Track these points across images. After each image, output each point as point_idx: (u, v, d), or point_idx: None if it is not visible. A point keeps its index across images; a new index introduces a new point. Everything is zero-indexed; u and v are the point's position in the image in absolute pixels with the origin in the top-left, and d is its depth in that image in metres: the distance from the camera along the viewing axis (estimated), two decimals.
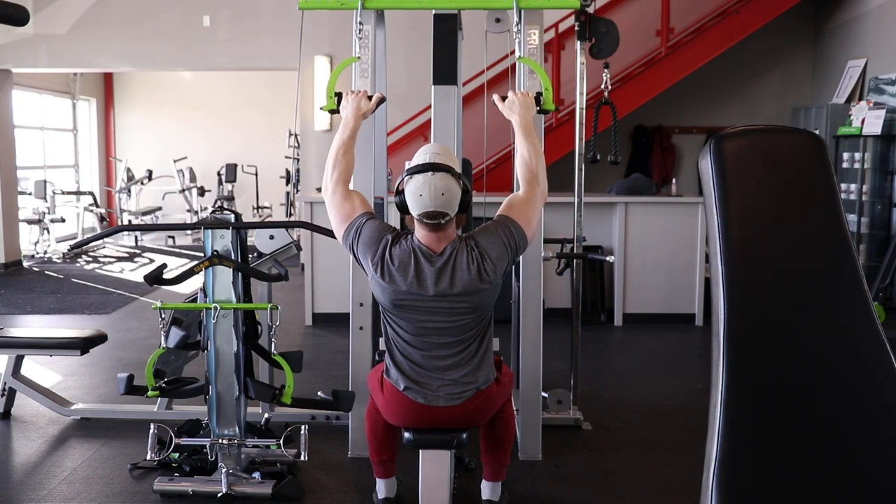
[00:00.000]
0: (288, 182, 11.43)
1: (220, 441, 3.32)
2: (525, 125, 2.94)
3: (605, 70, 4.20)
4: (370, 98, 3.02)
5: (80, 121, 13.06)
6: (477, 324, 2.77)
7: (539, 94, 3.11)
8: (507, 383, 2.95)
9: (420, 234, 2.73)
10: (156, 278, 3.29)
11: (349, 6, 3.02)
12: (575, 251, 4.25)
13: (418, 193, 2.65)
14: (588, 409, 4.29)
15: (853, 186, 7.33)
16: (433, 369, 2.76)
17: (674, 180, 7.19)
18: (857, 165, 7.27)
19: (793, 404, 1.32)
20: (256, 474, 3.35)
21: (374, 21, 3.63)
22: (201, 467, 3.41)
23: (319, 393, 4.10)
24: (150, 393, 3.35)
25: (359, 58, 3.08)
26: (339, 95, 3.07)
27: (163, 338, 3.33)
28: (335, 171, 2.86)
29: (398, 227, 2.91)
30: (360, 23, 3.06)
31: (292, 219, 10.59)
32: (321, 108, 3.24)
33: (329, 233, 3.74)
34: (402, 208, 2.75)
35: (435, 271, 2.68)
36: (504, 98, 3.05)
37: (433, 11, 3.52)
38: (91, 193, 11.39)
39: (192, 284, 4.45)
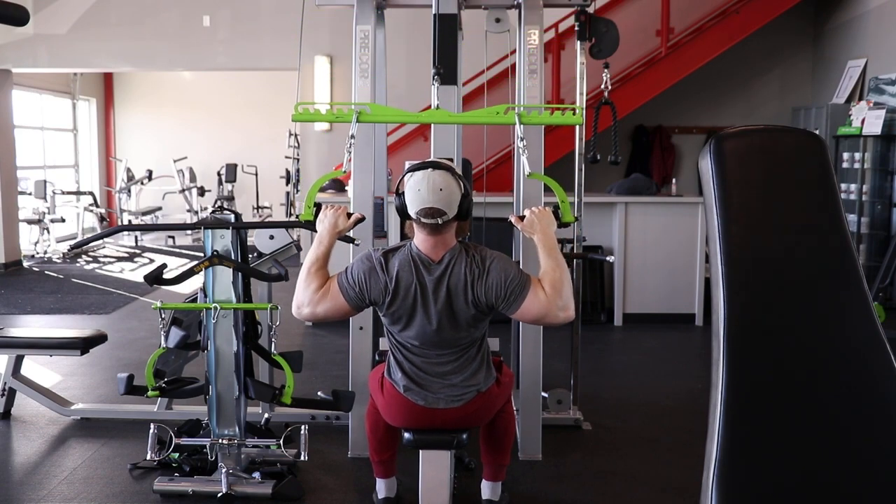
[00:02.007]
0: (288, 182, 11.42)
1: (220, 441, 3.32)
2: (548, 242, 2.79)
3: (605, 70, 4.20)
4: (349, 216, 2.87)
5: (80, 121, 13.06)
6: (475, 333, 2.78)
7: (556, 208, 2.94)
8: (507, 384, 2.95)
9: (418, 239, 2.72)
10: (156, 278, 3.29)
11: (344, 119, 2.98)
12: (575, 251, 4.25)
13: (417, 189, 2.64)
14: (588, 409, 4.29)
15: (853, 186, 7.33)
16: (434, 374, 2.77)
17: (674, 180, 7.19)
18: (857, 165, 7.27)
19: (793, 404, 1.32)
20: (256, 474, 3.35)
21: (374, 21, 3.63)
22: (201, 467, 3.41)
23: (319, 393, 4.10)
24: (150, 393, 3.35)
25: (345, 172, 3.00)
26: (317, 207, 2.91)
27: (163, 338, 3.33)
28: (309, 288, 2.73)
29: (399, 231, 2.88)
30: (353, 136, 2.98)
31: (292, 219, 10.58)
32: (297, 217, 3.09)
33: None
34: (402, 211, 2.74)
35: (434, 281, 2.67)
36: (522, 217, 2.90)
37: (433, 11, 3.52)
38: (91, 193, 11.38)
39: (192, 284, 4.45)
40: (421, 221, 2.66)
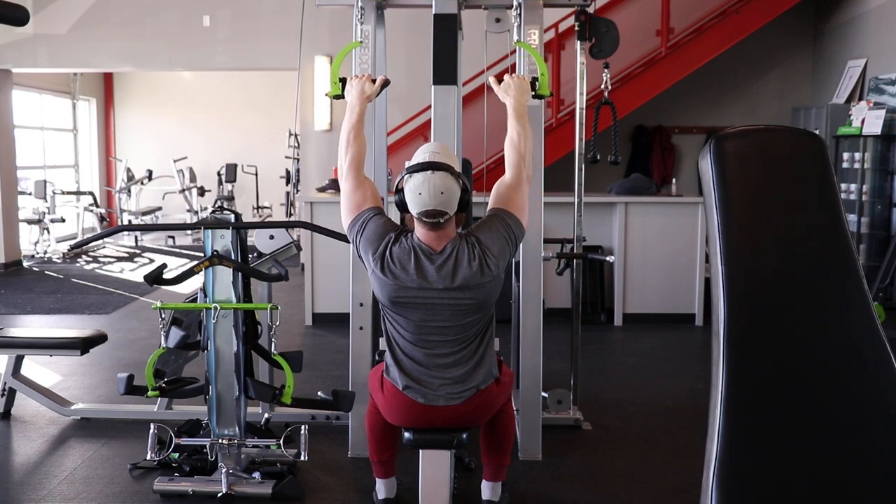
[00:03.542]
0: (288, 182, 11.43)
1: (220, 441, 3.32)
2: (518, 108, 2.94)
3: (605, 70, 4.20)
4: (374, 81, 3.02)
5: (80, 121, 13.06)
6: (479, 322, 2.77)
7: (535, 79, 3.09)
8: (507, 383, 2.94)
9: (419, 232, 2.73)
10: (156, 278, 3.29)
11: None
12: (575, 251, 4.25)
13: (417, 192, 2.64)
14: (588, 409, 4.29)
15: (853, 186, 7.33)
16: (434, 367, 2.75)
17: (674, 180, 7.19)
18: (857, 165, 7.27)
19: (793, 404, 1.32)
20: (256, 474, 3.35)
21: (374, 21, 3.63)
22: (201, 467, 3.41)
23: (319, 393, 4.10)
24: (150, 393, 3.35)
25: (361, 42, 3.09)
26: (343, 81, 3.07)
27: (163, 338, 3.33)
28: (347, 155, 2.88)
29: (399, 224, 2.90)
30: (362, 7, 3.06)
31: (292, 219, 10.59)
32: (325, 95, 3.24)
33: (329, 233, 3.76)
34: (402, 207, 2.76)
35: (436, 268, 2.68)
36: (500, 80, 3.04)
37: (433, 11, 3.52)
38: (91, 193, 11.38)
39: (192, 284, 4.46)
40: (423, 220, 2.68)
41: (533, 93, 3.08)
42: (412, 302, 2.70)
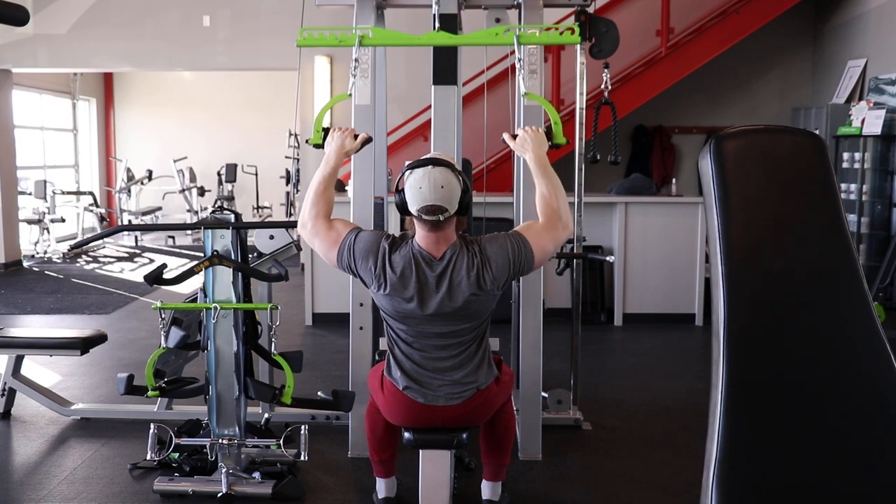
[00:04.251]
0: (288, 182, 11.43)
1: (220, 441, 3.32)
2: (540, 161, 2.85)
3: (605, 70, 4.20)
4: (356, 137, 2.95)
5: (80, 121, 13.06)
6: (476, 328, 2.78)
7: (549, 128, 2.98)
8: (507, 383, 2.95)
9: (420, 235, 2.72)
10: (156, 278, 3.29)
11: (347, 43, 3.01)
12: (575, 251, 4.25)
13: (418, 186, 2.64)
14: (588, 409, 4.29)
15: (853, 186, 7.33)
16: (434, 370, 2.76)
17: (674, 180, 7.19)
18: (857, 165, 7.27)
19: (793, 404, 1.32)
20: (256, 474, 3.35)
21: (374, 21, 3.63)
22: (201, 467, 3.41)
23: (319, 393, 4.10)
24: (150, 393, 3.35)
25: (350, 95, 3.03)
26: (325, 131, 3.00)
27: (163, 338, 3.33)
28: (314, 208, 2.80)
29: (399, 228, 2.90)
30: (356, 59, 3.01)
31: (292, 219, 10.58)
32: (307, 142, 3.18)
33: None
34: (402, 208, 2.75)
35: (435, 277, 2.67)
36: (514, 136, 2.95)
37: (433, 11, 3.52)
38: (91, 193, 11.39)
39: (192, 284, 4.45)
40: (422, 218, 2.66)
41: (550, 143, 2.96)
42: (412, 314, 2.71)
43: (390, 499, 3.09)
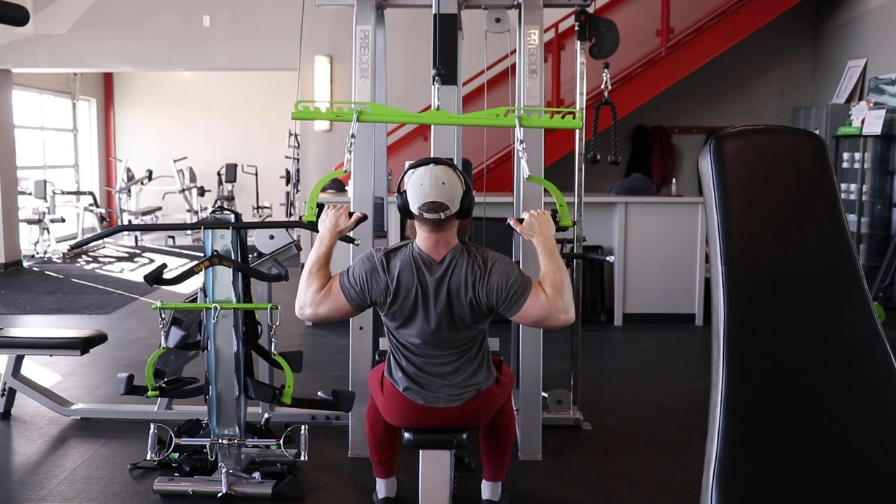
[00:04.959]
0: (288, 182, 11.42)
1: (220, 441, 3.32)
2: (549, 245, 2.82)
3: (605, 70, 4.20)
4: (350, 215, 2.88)
5: (80, 121, 13.06)
6: (475, 336, 2.79)
7: (554, 212, 2.97)
8: (507, 383, 2.95)
9: (420, 238, 2.72)
10: (156, 278, 3.29)
11: (344, 118, 3.00)
12: (575, 251, 4.25)
13: (419, 183, 2.64)
14: (588, 409, 4.29)
15: (853, 186, 7.33)
16: (434, 374, 2.77)
17: (674, 180, 7.19)
18: (857, 165, 7.27)
19: (793, 404, 1.32)
20: (256, 474, 3.35)
21: (374, 21, 3.63)
22: (201, 467, 3.41)
23: (319, 393, 4.10)
24: (150, 393, 3.35)
25: (345, 172, 3.01)
26: (320, 208, 2.94)
27: (163, 338, 3.33)
28: (310, 289, 2.75)
29: (399, 230, 2.89)
30: (353, 135, 2.99)
31: (292, 219, 10.58)
32: (300, 217, 3.11)
33: None
34: (404, 210, 2.74)
35: (435, 281, 2.67)
36: (520, 220, 2.92)
37: (433, 11, 3.52)
38: (91, 193, 11.38)
39: (192, 284, 4.45)
40: (423, 217, 2.66)
41: (556, 225, 2.94)
42: (413, 322, 2.72)
43: (390, 499, 3.09)
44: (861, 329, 1.33)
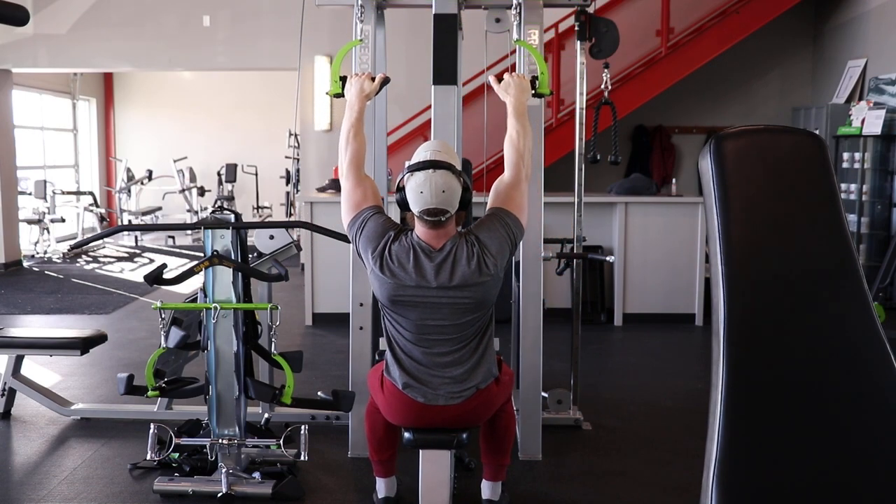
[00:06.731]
0: (288, 182, 11.43)
1: (220, 441, 3.32)
2: (518, 107, 2.94)
3: (605, 70, 4.20)
4: (373, 79, 3.03)
5: (80, 121, 13.06)
6: (478, 321, 2.77)
7: (535, 78, 3.09)
8: (507, 382, 2.94)
9: (419, 230, 2.73)
10: (156, 278, 3.29)
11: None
12: (575, 251, 4.25)
13: (419, 191, 2.65)
14: (588, 409, 4.29)
15: (853, 186, 7.33)
16: (434, 366, 2.75)
17: (674, 180, 7.18)
18: (857, 165, 7.27)
19: (793, 404, 1.32)
20: (256, 474, 3.35)
21: (374, 21, 3.63)
22: (201, 467, 3.41)
23: (319, 393, 4.10)
24: (150, 393, 3.35)
25: (361, 40, 3.09)
26: (343, 79, 3.08)
27: (163, 338, 3.33)
28: (347, 153, 2.88)
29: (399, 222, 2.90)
30: (362, 5, 3.06)
31: (292, 219, 10.59)
32: (326, 93, 3.24)
33: (329, 233, 3.76)
34: (403, 205, 2.76)
35: (434, 266, 2.68)
36: (500, 79, 3.04)
37: (433, 11, 3.52)
38: (91, 193, 11.38)
39: (192, 284, 4.45)
40: (424, 219, 2.68)
41: (533, 91, 3.08)
42: (411, 301, 2.70)
43: (390, 499, 3.09)
44: (861, 329, 1.33)
